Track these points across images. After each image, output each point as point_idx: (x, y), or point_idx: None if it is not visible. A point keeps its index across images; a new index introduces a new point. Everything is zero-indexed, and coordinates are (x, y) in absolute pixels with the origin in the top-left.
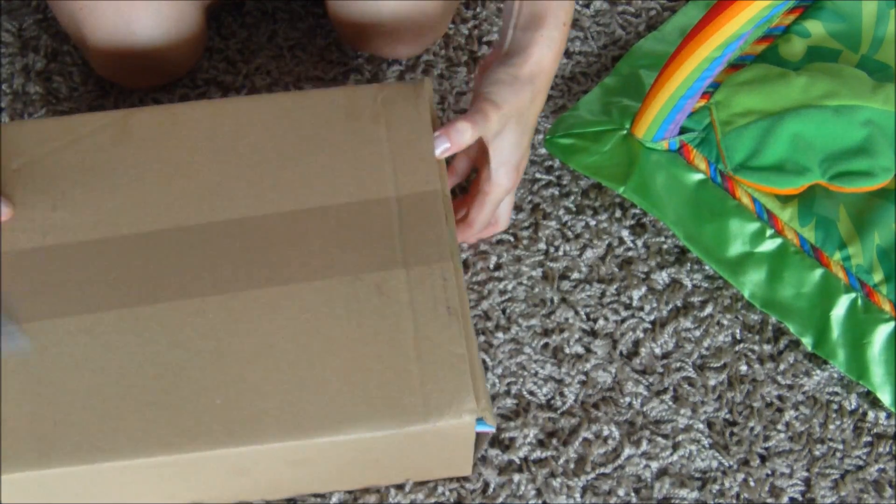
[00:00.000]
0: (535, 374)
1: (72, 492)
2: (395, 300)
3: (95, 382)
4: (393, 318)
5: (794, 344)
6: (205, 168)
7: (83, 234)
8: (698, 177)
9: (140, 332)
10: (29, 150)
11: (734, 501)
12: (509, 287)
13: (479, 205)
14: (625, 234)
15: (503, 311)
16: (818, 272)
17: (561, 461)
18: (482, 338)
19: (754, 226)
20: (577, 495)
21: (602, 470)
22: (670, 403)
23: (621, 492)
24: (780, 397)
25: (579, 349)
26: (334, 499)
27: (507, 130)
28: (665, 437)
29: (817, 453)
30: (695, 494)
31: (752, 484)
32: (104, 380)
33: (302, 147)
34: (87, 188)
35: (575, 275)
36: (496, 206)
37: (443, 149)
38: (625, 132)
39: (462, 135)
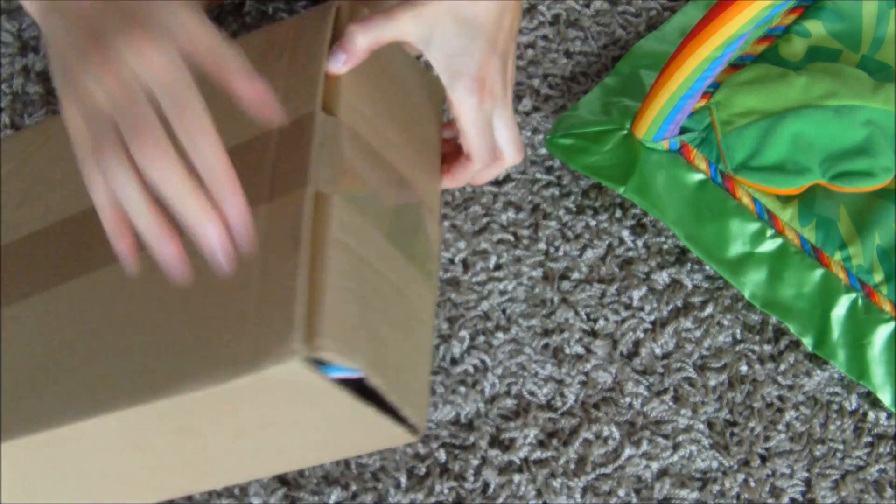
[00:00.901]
0: (536, 374)
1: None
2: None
3: (12, 367)
4: (243, 260)
5: (795, 344)
6: None
7: (31, 226)
8: (699, 177)
9: (50, 311)
10: (12, 159)
11: (735, 502)
12: (509, 287)
13: (462, 136)
14: (625, 234)
15: (503, 311)
16: (818, 272)
17: (561, 461)
18: (482, 338)
19: (754, 226)
20: (578, 496)
21: (602, 470)
22: (670, 404)
23: (621, 492)
24: (780, 397)
25: (579, 349)
26: (332, 498)
27: (442, 34)
28: (665, 437)
29: (818, 454)
30: (695, 495)
31: (752, 484)
32: (12, 365)
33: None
34: (46, 182)
35: (575, 275)
36: (480, 130)
37: (340, 62)
38: (625, 132)
39: (352, 39)
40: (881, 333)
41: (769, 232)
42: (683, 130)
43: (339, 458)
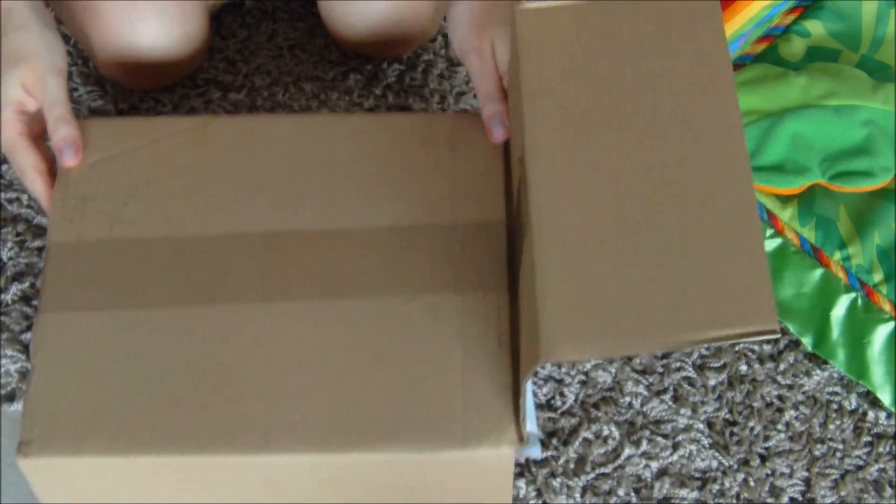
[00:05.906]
0: (535, 373)
1: (102, 485)
2: (447, 324)
3: (140, 376)
4: (443, 342)
5: (794, 344)
6: (276, 179)
7: (149, 230)
8: None
9: (190, 331)
10: (106, 147)
11: (734, 501)
12: None
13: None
14: None
15: None
16: (818, 272)
17: (561, 461)
18: None
19: None
20: (578, 495)
21: (602, 470)
22: (670, 403)
23: (621, 492)
24: (780, 397)
25: None
26: None
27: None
28: (665, 436)
29: (817, 453)
30: (695, 494)
31: (752, 484)
32: (149, 374)
33: (375, 168)
34: (160, 187)
35: None
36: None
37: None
38: None
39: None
40: (881, 333)
41: (769, 232)
42: None
43: None
